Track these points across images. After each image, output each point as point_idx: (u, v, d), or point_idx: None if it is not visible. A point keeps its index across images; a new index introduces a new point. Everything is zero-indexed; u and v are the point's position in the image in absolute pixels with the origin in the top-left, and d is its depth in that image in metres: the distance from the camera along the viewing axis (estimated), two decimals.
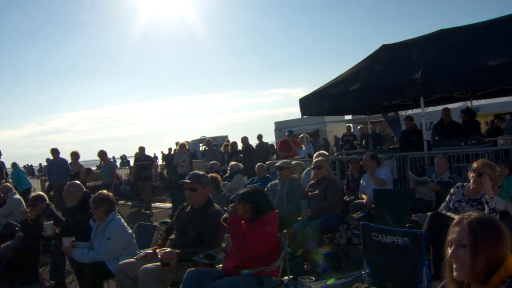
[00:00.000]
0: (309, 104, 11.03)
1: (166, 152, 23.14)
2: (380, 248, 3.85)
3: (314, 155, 7.74)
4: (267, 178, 8.51)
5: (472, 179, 5.01)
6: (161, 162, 24.17)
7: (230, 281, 3.86)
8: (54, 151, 12.04)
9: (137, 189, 15.45)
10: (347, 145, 15.76)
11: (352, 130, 17.52)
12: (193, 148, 27.32)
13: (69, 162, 12.07)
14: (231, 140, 16.79)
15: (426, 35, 10.47)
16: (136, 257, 4.65)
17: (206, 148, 15.80)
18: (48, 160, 16.18)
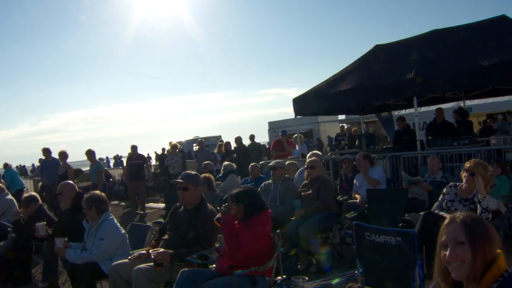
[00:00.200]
0: (302, 104, 11.04)
1: (160, 152, 23.09)
2: (373, 247, 3.86)
3: (308, 155, 7.75)
4: (261, 178, 8.50)
5: (464, 179, 5.03)
6: (154, 162, 24.11)
7: (223, 281, 3.85)
8: (46, 151, 11.96)
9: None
10: (340, 145, 15.84)
11: (345, 130, 17.56)
12: (187, 148, 27.27)
13: None
14: (225, 140, 16.77)
15: (419, 35, 10.51)
16: (129, 257, 4.64)
17: (198, 148, 15.70)
18: (41, 160, 16.11)
